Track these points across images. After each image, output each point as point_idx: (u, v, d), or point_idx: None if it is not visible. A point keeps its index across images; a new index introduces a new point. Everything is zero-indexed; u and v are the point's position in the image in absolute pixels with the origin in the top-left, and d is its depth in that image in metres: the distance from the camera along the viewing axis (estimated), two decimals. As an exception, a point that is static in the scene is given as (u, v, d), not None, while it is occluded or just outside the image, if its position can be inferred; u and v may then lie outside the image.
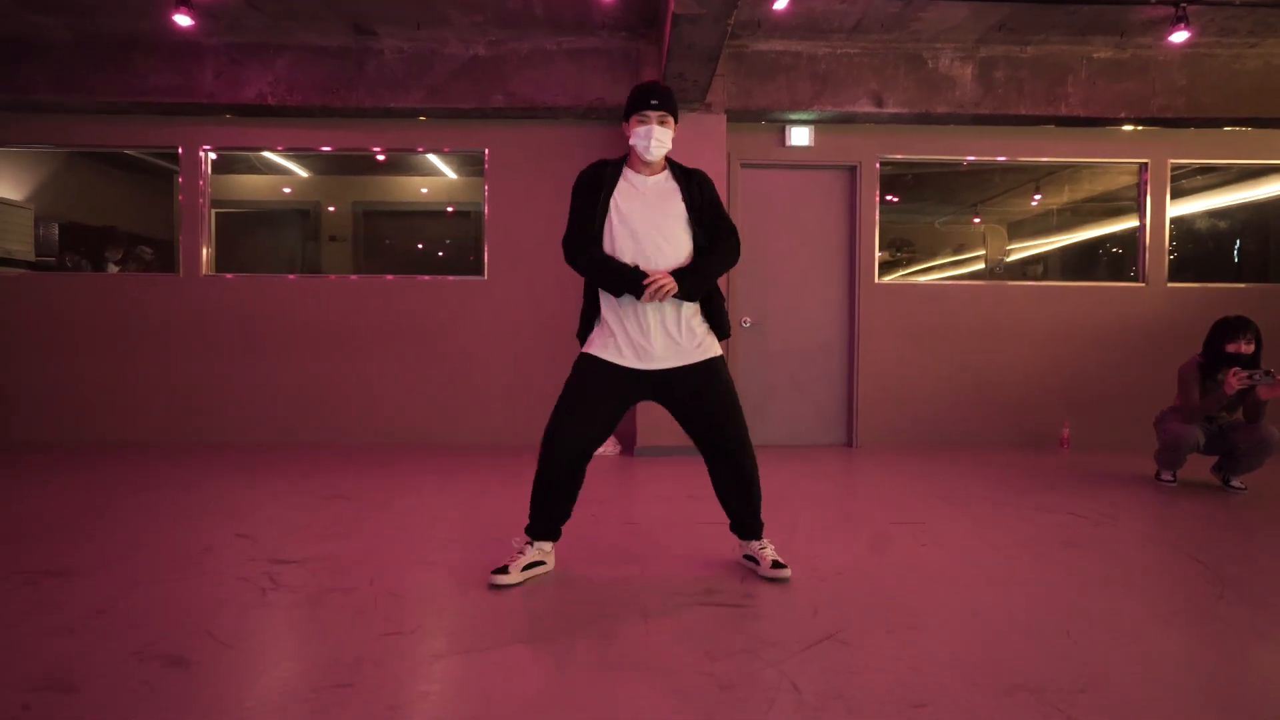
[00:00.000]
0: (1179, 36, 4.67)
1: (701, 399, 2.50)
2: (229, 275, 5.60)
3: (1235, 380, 3.81)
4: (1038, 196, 7.01)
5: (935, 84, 5.28)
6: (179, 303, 5.44)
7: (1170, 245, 6.04)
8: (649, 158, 2.50)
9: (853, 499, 3.93)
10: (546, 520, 2.57)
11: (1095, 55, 5.30)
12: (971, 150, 5.68)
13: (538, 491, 2.54)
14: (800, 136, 5.48)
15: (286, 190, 6.91)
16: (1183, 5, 4.58)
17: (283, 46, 5.10)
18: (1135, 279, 5.83)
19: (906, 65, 5.27)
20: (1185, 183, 6.47)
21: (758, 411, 5.51)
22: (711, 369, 2.51)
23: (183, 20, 4.35)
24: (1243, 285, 5.84)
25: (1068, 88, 5.31)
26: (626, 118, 2.54)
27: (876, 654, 1.95)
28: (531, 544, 2.57)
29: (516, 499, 3.72)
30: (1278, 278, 6.21)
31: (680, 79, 4.56)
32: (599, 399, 2.52)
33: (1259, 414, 3.95)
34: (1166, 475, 4.28)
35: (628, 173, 2.56)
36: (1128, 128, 5.60)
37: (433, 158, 6.09)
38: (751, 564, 2.63)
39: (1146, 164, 5.73)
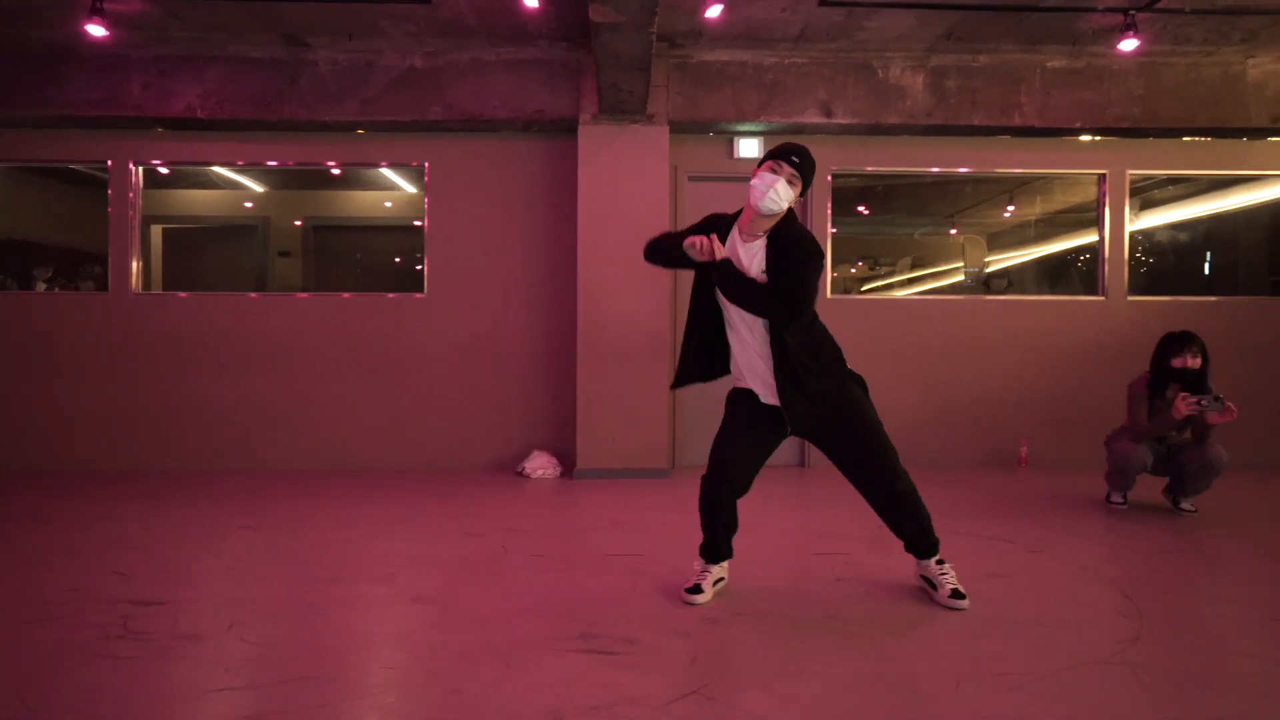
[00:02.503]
0: (1129, 44, 4.54)
1: (837, 429, 2.52)
2: (159, 293, 5.44)
3: (1184, 406, 3.66)
4: (1011, 208, 6.90)
5: (886, 94, 5.15)
6: (105, 322, 5.28)
7: (1138, 258, 5.90)
8: (759, 205, 2.37)
9: (782, 525, 3.77)
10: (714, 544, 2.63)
11: (1049, 64, 5.17)
12: (926, 161, 5.55)
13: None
14: (749, 148, 5.34)
15: (249, 204, 6.78)
16: (1132, 13, 4.46)
17: (212, 58, 4.97)
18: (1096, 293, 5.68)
19: (856, 75, 5.14)
20: (1156, 193, 6.35)
21: (706, 431, 5.33)
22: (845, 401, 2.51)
23: (96, 30, 4.22)
24: (1208, 299, 5.69)
25: (1021, 97, 5.18)
26: (760, 163, 2.45)
27: (738, 713, 1.78)
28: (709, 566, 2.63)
29: (436, 528, 3.57)
30: (1248, 290, 6.07)
31: (615, 90, 4.43)
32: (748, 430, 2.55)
33: (1206, 435, 3.79)
34: (1117, 497, 4.13)
35: (736, 233, 2.48)
36: (1085, 138, 5.47)
37: (388, 172, 5.94)
38: (929, 587, 2.60)
39: (1105, 175, 5.59)
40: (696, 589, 2.55)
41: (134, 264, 5.33)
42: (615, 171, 4.96)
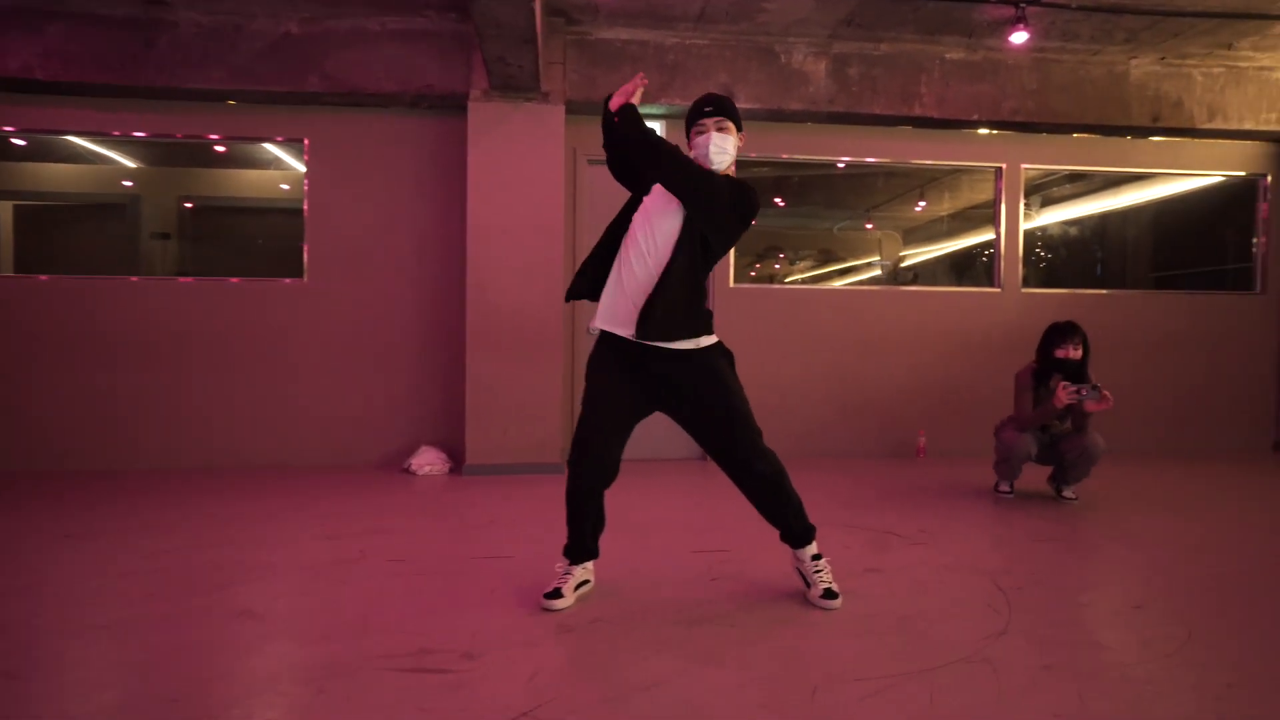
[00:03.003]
0: (1019, 37, 4.58)
1: (698, 397, 2.34)
2: (5, 276, 4.90)
3: (1064, 394, 3.71)
4: (922, 203, 6.97)
5: (788, 79, 5.07)
6: (-63, 305, 4.71)
7: (1036, 252, 6.03)
8: (711, 166, 2.31)
9: (668, 521, 3.63)
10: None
11: (947, 56, 5.20)
12: (830, 150, 5.51)
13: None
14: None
15: (128, 184, 6.17)
16: (1022, 5, 4.49)
17: (54, 13, 4.46)
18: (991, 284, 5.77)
19: (759, 59, 5.04)
20: (1055, 191, 6.52)
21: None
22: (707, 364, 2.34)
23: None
24: (1099, 292, 5.85)
25: (921, 88, 5.19)
26: (688, 134, 2.39)
27: (561, 739, 1.60)
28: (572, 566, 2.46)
29: (291, 531, 3.26)
30: (1134, 284, 6.29)
31: (503, 63, 4.18)
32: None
33: (1084, 423, 3.85)
34: (1004, 486, 4.16)
35: None
36: (983, 131, 5.54)
37: (276, 149, 5.45)
38: (803, 584, 2.49)
39: (1001, 168, 5.69)
40: (556, 594, 2.38)
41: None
42: (507, 152, 4.70)
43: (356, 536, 3.24)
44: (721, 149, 2.30)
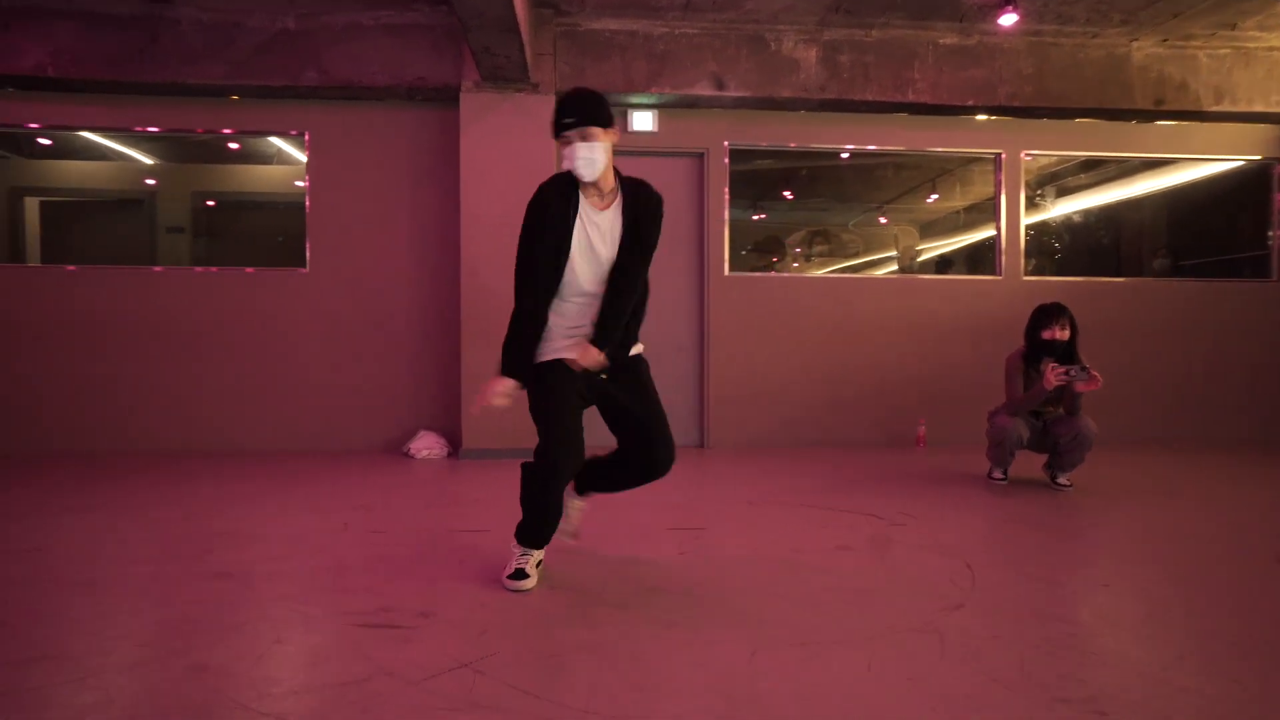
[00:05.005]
0: (1008, 19, 4.54)
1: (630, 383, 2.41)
2: (29, 266, 5.09)
3: (1053, 376, 3.66)
4: (934, 195, 6.91)
5: (778, 67, 5.07)
6: (-44, 297, 4.90)
7: (1046, 241, 5.95)
8: (584, 179, 2.25)
9: (650, 503, 3.65)
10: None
11: (940, 41, 5.16)
12: (823, 138, 5.49)
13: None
14: (643, 121, 5.21)
15: (151, 182, 6.35)
16: (1011, -13, 4.46)
17: (63, 13, 4.62)
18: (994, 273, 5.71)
19: (749, 47, 5.05)
20: (1070, 180, 6.42)
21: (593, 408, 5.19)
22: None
23: (-86, -24, 3.86)
24: (1109, 279, 5.76)
25: (915, 74, 5.16)
26: (556, 138, 2.29)
27: (503, 687, 1.64)
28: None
29: (277, 505, 3.33)
30: (1133, 272, 6.17)
31: (489, 54, 4.24)
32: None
33: (1076, 407, 3.80)
34: (997, 473, 4.12)
35: (583, 204, 2.29)
36: (980, 117, 5.49)
37: (285, 145, 5.57)
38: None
39: (1000, 155, 5.63)
40: (520, 574, 2.34)
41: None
42: (498, 142, 4.77)
43: (343, 511, 3.32)
44: (590, 160, 2.22)
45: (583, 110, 2.21)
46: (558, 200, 2.27)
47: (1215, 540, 2.96)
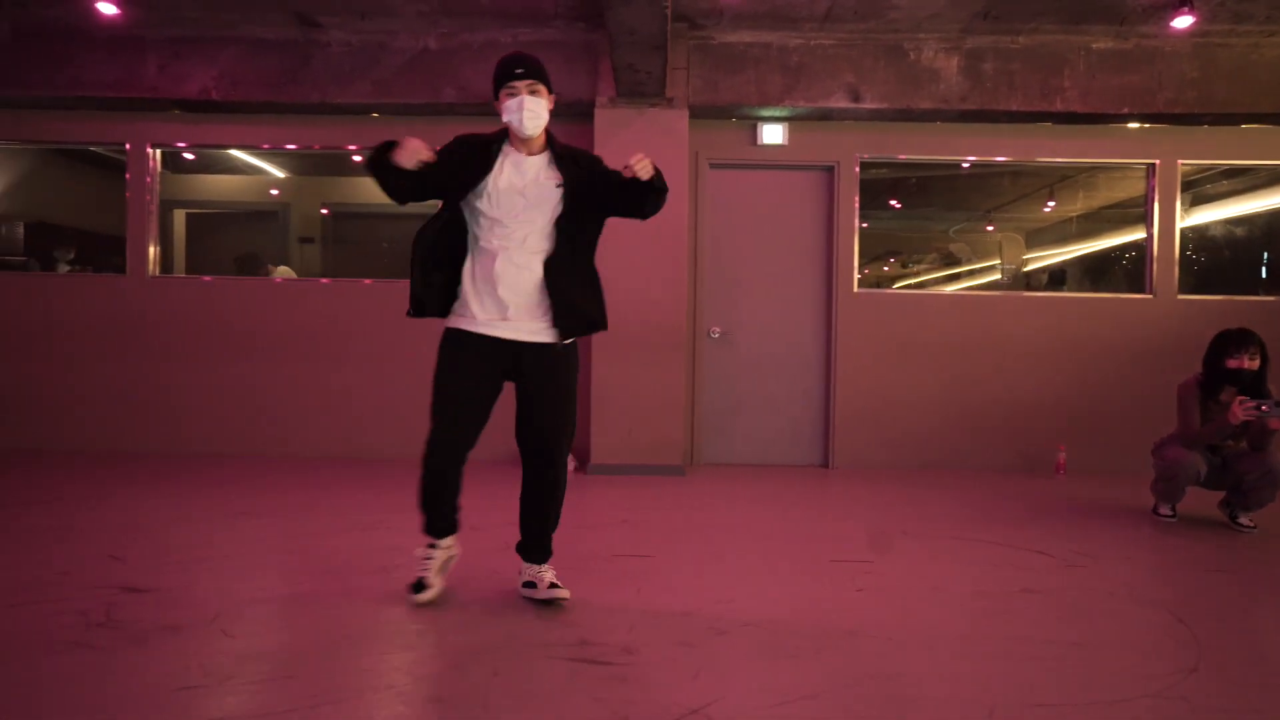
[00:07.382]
0: (1183, 22, 4.23)
1: (543, 379, 2.28)
2: (179, 276, 5.40)
3: (1241, 410, 3.36)
4: (1051, 203, 6.57)
5: (917, 77, 4.89)
6: (123, 304, 5.23)
7: (1189, 255, 5.55)
8: (525, 132, 2.23)
9: (803, 530, 3.55)
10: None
11: (1094, 46, 4.87)
12: (961, 150, 5.27)
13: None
14: (773, 134, 5.11)
15: (275, 192, 6.72)
16: (1187, -13, 4.15)
17: (225, 39, 4.88)
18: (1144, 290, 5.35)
19: (886, 57, 4.89)
20: (1210, 188, 5.98)
21: (724, 428, 5.14)
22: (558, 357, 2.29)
23: (107, 8, 4.15)
24: (1266, 299, 5.32)
25: (1064, 81, 4.88)
26: (495, 95, 2.28)
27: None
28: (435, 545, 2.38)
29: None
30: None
31: (631, 70, 4.24)
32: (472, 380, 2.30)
33: (1265, 442, 3.48)
34: (1165, 509, 3.82)
35: (509, 150, 2.29)
36: (1133, 125, 5.15)
37: None
38: (530, 589, 2.37)
39: (1154, 165, 5.26)
40: (420, 586, 2.28)
41: (151, 248, 5.28)
42: (633, 156, 4.75)
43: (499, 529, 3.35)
44: (535, 113, 2.19)
45: (534, 66, 2.22)
46: (479, 143, 2.26)
47: None
